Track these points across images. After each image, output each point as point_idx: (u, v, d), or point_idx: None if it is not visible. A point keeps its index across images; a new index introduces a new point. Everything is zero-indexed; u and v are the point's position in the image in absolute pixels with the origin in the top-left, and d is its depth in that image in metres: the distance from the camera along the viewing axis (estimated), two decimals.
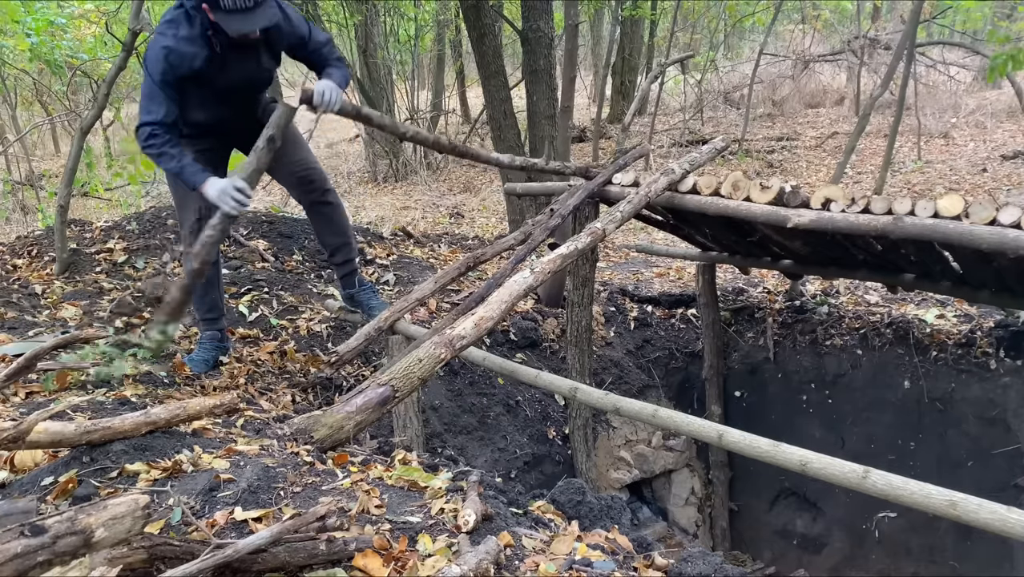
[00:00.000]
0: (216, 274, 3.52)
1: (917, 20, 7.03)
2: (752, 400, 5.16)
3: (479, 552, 1.68)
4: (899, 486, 1.89)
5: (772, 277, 5.71)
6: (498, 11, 7.23)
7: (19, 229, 7.35)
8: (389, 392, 2.46)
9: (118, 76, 4.40)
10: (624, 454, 5.07)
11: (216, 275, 3.53)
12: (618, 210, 3.49)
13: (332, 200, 3.60)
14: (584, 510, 2.56)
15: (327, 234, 3.67)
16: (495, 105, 5.68)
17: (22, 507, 1.47)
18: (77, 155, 4.44)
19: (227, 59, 3.00)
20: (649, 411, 2.53)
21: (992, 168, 8.93)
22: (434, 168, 12.12)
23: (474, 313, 2.79)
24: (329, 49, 3.28)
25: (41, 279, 4.26)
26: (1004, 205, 2.80)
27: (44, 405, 2.37)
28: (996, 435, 4.21)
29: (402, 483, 2.18)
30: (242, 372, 3.61)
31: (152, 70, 2.90)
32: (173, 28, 2.89)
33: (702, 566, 1.97)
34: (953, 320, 4.58)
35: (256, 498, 1.89)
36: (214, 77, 3.02)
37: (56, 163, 12.81)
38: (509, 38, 12.17)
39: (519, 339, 4.68)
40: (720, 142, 4.31)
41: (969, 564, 4.32)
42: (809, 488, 4.99)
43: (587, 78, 16.79)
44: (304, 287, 4.64)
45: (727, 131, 11.68)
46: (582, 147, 12.26)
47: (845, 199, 3.17)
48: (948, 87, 12.11)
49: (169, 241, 4.78)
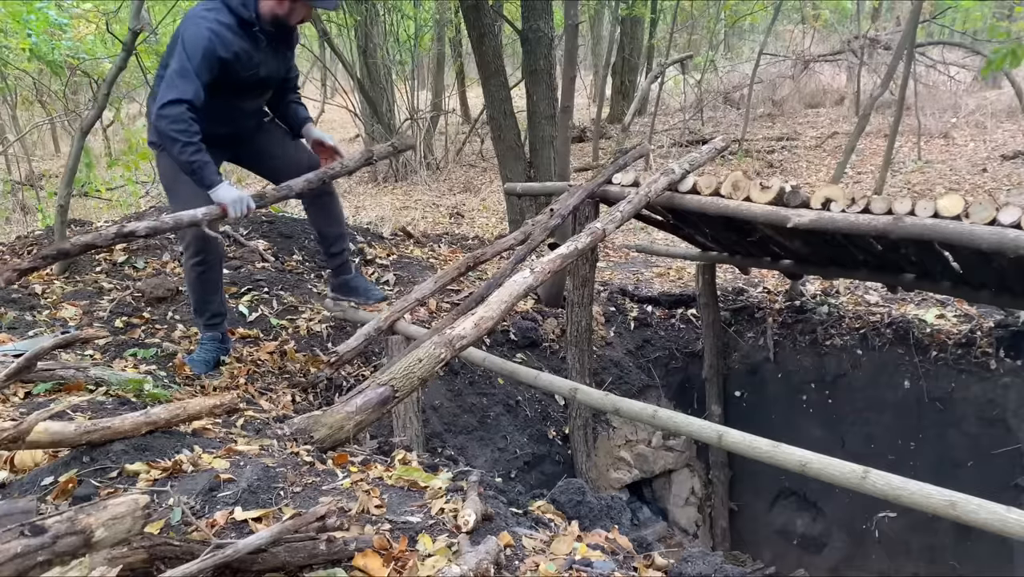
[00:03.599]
0: (219, 277, 3.55)
1: (917, 20, 7.03)
2: (752, 400, 5.16)
3: (479, 552, 1.68)
4: (899, 486, 1.89)
5: (772, 277, 5.71)
6: (498, 11, 7.23)
7: (19, 229, 7.35)
8: (389, 392, 2.46)
9: (118, 76, 4.40)
10: (624, 454, 5.07)
11: (219, 278, 3.55)
12: (618, 210, 3.49)
13: (331, 190, 3.76)
14: (584, 510, 2.57)
15: (327, 224, 3.77)
16: (495, 105, 5.68)
17: (22, 507, 1.47)
18: (77, 155, 4.44)
19: (260, 53, 3.09)
20: (649, 412, 2.54)
21: (992, 168, 8.93)
22: (434, 168, 12.12)
23: (474, 313, 2.79)
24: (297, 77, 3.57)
25: (41, 279, 4.26)
26: (1004, 205, 2.80)
27: (44, 405, 2.37)
28: (996, 435, 4.21)
29: (402, 483, 2.18)
30: (242, 372, 3.61)
31: (192, 48, 2.88)
32: (214, 14, 2.94)
33: (702, 566, 1.97)
34: (953, 320, 4.58)
35: (256, 498, 1.89)
36: (242, 70, 3.05)
37: (56, 163, 12.81)
38: (509, 38, 12.16)
39: (519, 339, 4.68)
40: (720, 142, 4.31)
41: (969, 564, 4.32)
42: (809, 488, 4.99)
43: (587, 78, 16.78)
44: (304, 287, 4.64)
45: (727, 131, 11.67)
46: (582, 147, 12.26)
47: (845, 199, 3.17)
48: (948, 87, 12.11)
49: (169, 241, 4.78)
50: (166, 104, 2.87)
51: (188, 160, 2.91)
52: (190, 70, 2.88)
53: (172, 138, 2.89)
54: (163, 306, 4.06)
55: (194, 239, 3.26)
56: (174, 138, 2.89)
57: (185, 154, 2.90)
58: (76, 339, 2.56)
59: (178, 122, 2.85)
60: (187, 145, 2.89)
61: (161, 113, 2.88)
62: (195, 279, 3.39)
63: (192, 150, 2.90)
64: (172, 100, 2.86)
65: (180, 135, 2.87)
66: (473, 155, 12.90)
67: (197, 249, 3.30)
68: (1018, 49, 4.03)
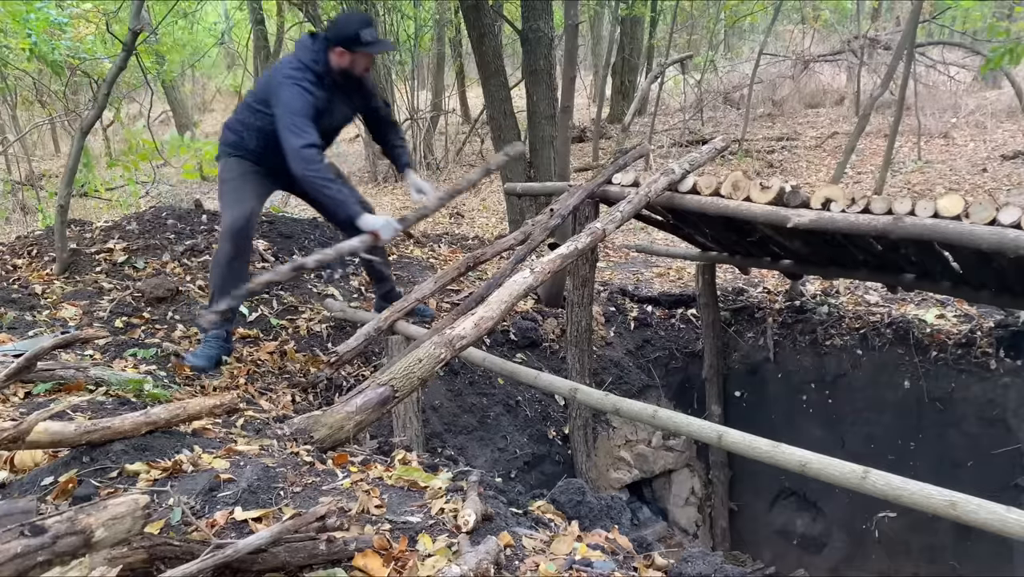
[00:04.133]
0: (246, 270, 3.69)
1: (917, 20, 7.03)
2: (752, 400, 5.16)
3: (479, 552, 1.68)
4: (899, 486, 1.89)
5: (772, 277, 5.71)
6: (498, 11, 7.23)
7: (19, 229, 7.35)
8: (389, 392, 2.46)
9: (118, 76, 4.40)
10: (624, 454, 5.07)
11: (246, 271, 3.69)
12: (618, 210, 3.49)
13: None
14: (584, 510, 2.56)
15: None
16: (495, 105, 5.68)
17: (22, 507, 1.47)
18: (77, 155, 4.44)
19: (334, 101, 3.47)
20: (649, 412, 2.54)
21: (992, 168, 8.93)
22: (434, 168, 12.12)
23: (474, 313, 2.79)
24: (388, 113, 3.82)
25: (41, 279, 4.26)
26: (1004, 205, 2.80)
27: (44, 405, 2.37)
28: (996, 435, 4.21)
29: (402, 483, 2.18)
30: (242, 372, 3.61)
31: (297, 106, 3.25)
32: (301, 73, 3.31)
33: (702, 566, 1.97)
34: (953, 320, 4.57)
35: (256, 498, 1.89)
36: (324, 117, 3.43)
37: (56, 163, 12.82)
38: (509, 38, 12.16)
39: (519, 339, 4.68)
40: (720, 142, 4.31)
41: (969, 564, 4.32)
42: (809, 488, 4.99)
43: (587, 78, 16.78)
44: (304, 287, 4.64)
45: (727, 131, 11.67)
46: (582, 147, 12.26)
47: (845, 199, 3.17)
48: (948, 87, 12.10)
49: (169, 241, 4.78)
50: (304, 147, 3.21)
51: (331, 197, 3.27)
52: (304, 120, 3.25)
53: (317, 179, 3.25)
54: (163, 306, 4.06)
55: (235, 237, 3.48)
56: (318, 180, 3.25)
57: (328, 191, 3.26)
58: (76, 339, 2.56)
59: (313, 163, 3.23)
60: (327, 184, 3.25)
61: (304, 158, 3.22)
62: (224, 265, 3.54)
63: (334, 189, 3.27)
64: (310, 144, 3.22)
65: (318, 178, 3.24)
66: (473, 155, 12.90)
67: (235, 245, 3.51)
68: (1016, 48, 4.04)
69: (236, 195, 3.55)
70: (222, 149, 3.68)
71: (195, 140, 5.44)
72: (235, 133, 3.60)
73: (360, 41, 3.35)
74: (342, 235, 4.09)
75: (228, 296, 3.52)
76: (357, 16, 3.46)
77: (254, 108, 3.49)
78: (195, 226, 5.02)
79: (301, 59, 3.38)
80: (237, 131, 3.59)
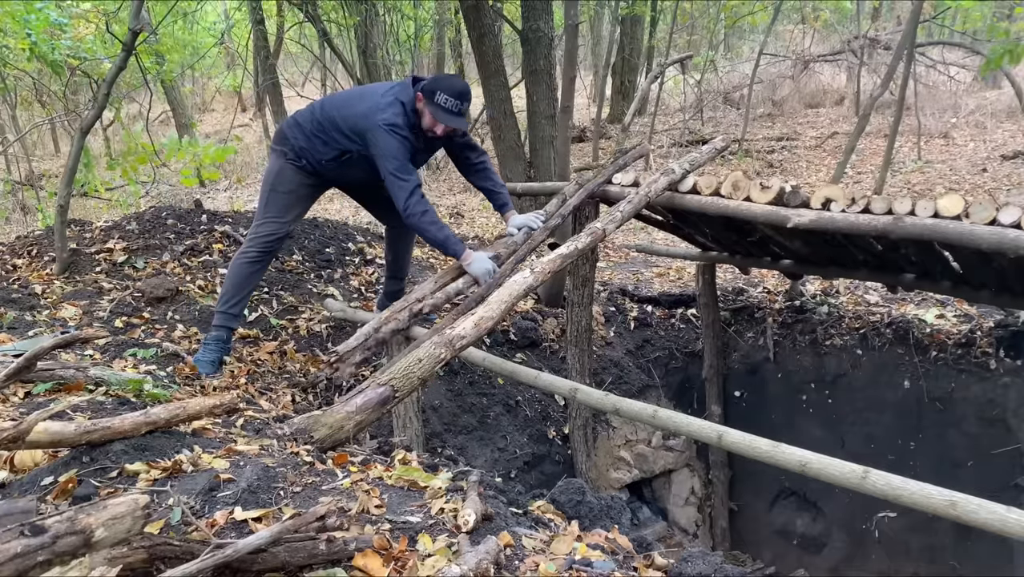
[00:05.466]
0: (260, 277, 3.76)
1: (917, 20, 7.03)
2: (752, 400, 5.16)
3: (479, 552, 1.68)
4: (899, 486, 1.89)
5: (772, 277, 5.71)
6: (498, 11, 7.22)
7: (19, 229, 7.35)
8: (389, 392, 2.46)
9: (118, 76, 4.40)
10: (624, 454, 5.07)
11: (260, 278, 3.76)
12: (618, 210, 3.49)
13: None
14: (584, 510, 2.56)
15: (406, 251, 4.15)
16: (495, 105, 5.67)
17: (22, 507, 1.47)
18: (77, 155, 4.44)
19: (418, 148, 3.49)
20: (649, 412, 2.54)
21: (992, 168, 8.93)
22: (434, 168, 12.11)
23: (474, 313, 2.79)
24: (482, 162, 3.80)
25: (41, 279, 4.25)
26: (1004, 205, 2.80)
27: (44, 405, 2.37)
28: (996, 435, 4.21)
29: (402, 483, 2.18)
30: (242, 372, 3.61)
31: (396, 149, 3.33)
32: (397, 118, 3.35)
33: (702, 566, 1.97)
34: (953, 320, 4.57)
35: (256, 498, 1.89)
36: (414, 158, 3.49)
37: (56, 163, 12.81)
38: (509, 38, 12.17)
39: (519, 339, 4.68)
40: (720, 142, 4.31)
41: (969, 564, 4.32)
42: (809, 488, 4.99)
43: (587, 78, 16.78)
44: (304, 287, 4.64)
45: (727, 131, 11.67)
46: (582, 147, 12.26)
47: (845, 199, 3.17)
48: (948, 87, 12.11)
49: (169, 241, 4.78)
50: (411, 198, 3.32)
51: (437, 237, 3.38)
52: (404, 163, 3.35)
53: (423, 220, 3.36)
54: (163, 306, 4.06)
55: (268, 246, 3.56)
56: (424, 221, 3.36)
57: (429, 234, 3.39)
58: (76, 339, 2.56)
59: (424, 204, 3.34)
60: (432, 225, 3.37)
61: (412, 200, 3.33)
62: (244, 267, 3.58)
63: (437, 228, 3.38)
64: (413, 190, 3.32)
65: (428, 220, 3.36)
66: None
67: (262, 250, 3.59)
68: (1016, 48, 4.04)
69: (283, 210, 3.59)
70: (281, 151, 3.60)
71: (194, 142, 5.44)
72: (307, 140, 3.52)
73: (434, 100, 3.33)
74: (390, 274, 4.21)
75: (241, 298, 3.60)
76: (458, 82, 3.39)
77: (345, 133, 3.43)
78: (195, 226, 5.02)
79: (400, 99, 3.37)
80: (311, 140, 3.50)
